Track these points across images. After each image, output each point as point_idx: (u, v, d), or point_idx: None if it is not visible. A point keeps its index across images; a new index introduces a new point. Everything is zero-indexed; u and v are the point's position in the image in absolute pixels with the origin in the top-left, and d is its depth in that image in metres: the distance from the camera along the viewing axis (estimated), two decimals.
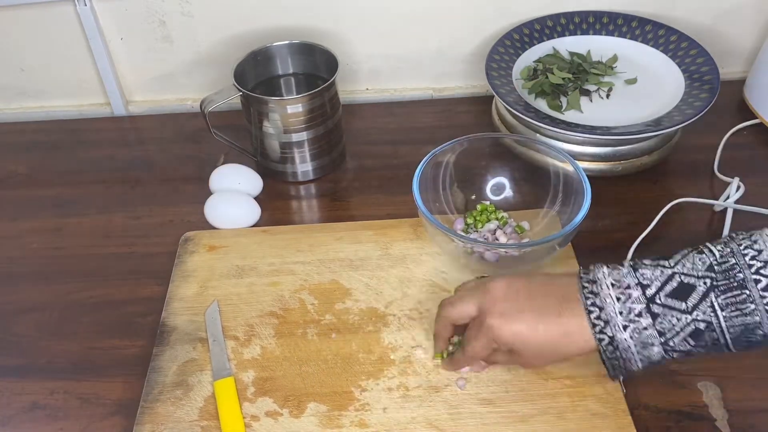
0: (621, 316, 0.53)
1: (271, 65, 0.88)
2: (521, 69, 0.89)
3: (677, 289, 0.53)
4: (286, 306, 0.72)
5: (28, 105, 1.03)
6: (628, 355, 0.54)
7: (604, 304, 0.54)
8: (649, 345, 0.53)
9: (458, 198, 0.79)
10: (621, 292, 0.54)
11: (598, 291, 0.54)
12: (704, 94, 0.81)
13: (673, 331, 0.53)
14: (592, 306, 0.54)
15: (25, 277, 0.78)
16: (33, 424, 0.65)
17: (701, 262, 0.53)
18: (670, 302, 0.53)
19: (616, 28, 0.92)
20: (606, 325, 0.54)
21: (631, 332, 0.53)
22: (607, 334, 0.54)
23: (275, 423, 0.62)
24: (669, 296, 0.53)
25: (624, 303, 0.53)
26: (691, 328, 0.52)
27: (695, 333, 0.52)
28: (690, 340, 0.53)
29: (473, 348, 0.60)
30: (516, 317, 0.57)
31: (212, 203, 0.81)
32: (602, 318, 0.54)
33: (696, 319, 0.52)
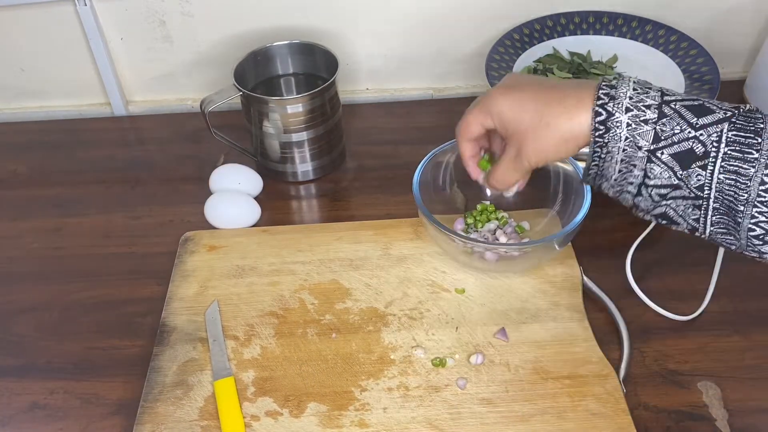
0: (629, 100, 0.51)
1: (271, 65, 0.88)
2: (521, 69, 0.89)
3: (696, 107, 0.51)
4: (286, 306, 0.72)
5: (28, 105, 1.03)
6: (613, 148, 0.51)
7: (618, 86, 0.52)
8: (637, 147, 0.51)
9: (458, 198, 0.79)
10: (641, 87, 0.52)
11: (619, 81, 0.53)
12: (704, 94, 0.82)
13: (669, 140, 0.50)
14: (605, 86, 0.52)
15: (25, 277, 0.78)
16: (33, 424, 0.65)
17: (728, 104, 0.51)
18: (683, 111, 0.50)
19: (616, 28, 0.92)
20: (610, 101, 0.51)
21: (631, 118, 0.51)
22: (607, 108, 0.51)
23: (275, 423, 0.62)
24: (685, 107, 0.51)
25: (638, 93, 0.51)
26: (688, 144, 0.50)
27: (688, 154, 0.50)
28: (678, 163, 0.50)
29: (464, 121, 0.60)
30: (516, 88, 0.56)
31: (212, 203, 0.81)
32: (610, 94, 0.52)
33: (698, 138, 0.49)
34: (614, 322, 0.69)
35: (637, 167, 0.52)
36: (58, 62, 0.97)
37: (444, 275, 0.73)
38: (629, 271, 0.72)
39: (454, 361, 0.66)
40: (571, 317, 0.69)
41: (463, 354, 0.66)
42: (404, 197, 0.82)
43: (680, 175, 0.50)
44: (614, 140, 0.51)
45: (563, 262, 0.73)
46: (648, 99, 0.51)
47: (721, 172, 0.49)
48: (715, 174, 0.49)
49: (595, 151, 0.53)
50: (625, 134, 0.51)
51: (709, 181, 0.50)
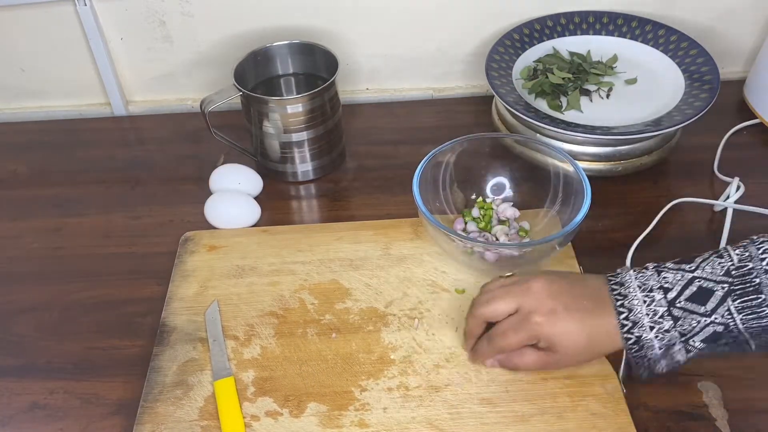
0: (648, 318, 0.56)
1: (271, 65, 0.88)
2: (521, 69, 0.89)
3: (696, 294, 0.55)
4: (286, 306, 0.72)
5: (28, 105, 1.03)
6: (653, 354, 0.56)
7: (633, 306, 0.57)
8: (671, 346, 0.56)
9: (458, 198, 0.79)
10: (645, 295, 0.57)
11: (626, 293, 0.57)
12: (704, 94, 0.81)
13: (693, 332, 0.55)
14: (621, 307, 0.57)
15: (25, 277, 0.78)
16: (33, 424, 0.65)
17: (720, 266, 0.55)
18: (689, 306, 0.55)
19: (616, 28, 0.92)
20: (634, 326, 0.56)
21: (656, 333, 0.56)
22: (635, 334, 0.56)
23: (275, 423, 0.62)
24: (689, 300, 0.55)
25: (649, 306, 0.56)
26: (711, 330, 0.55)
27: (714, 335, 0.55)
28: (711, 342, 0.55)
29: (509, 341, 0.61)
30: (565, 316, 0.58)
31: (212, 203, 0.81)
32: (630, 319, 0.57)
33: (714, 322, 0.54)
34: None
35: (679, 357, 0.56)
36: (58, 62, 0.97)
37: (444, 275, 0.73)
38: None
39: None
40: None
41: (463, 354, 0.66)
42: (404, 197, 0.83)
43: (716, 343, 0.55)
44: (650, 349, 0.56)
45: (563, 262, 0.73)
46: (658, 308, 0.56)
47: (747, 330, 0.54)
48: (744, 332, 0.54)
49: (639, 364, 0.57)
50: (657, 343, 0.56)
51: (741, 335, 0.55)
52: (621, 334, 0.57)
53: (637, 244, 0.75)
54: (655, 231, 0.77)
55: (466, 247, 0.70)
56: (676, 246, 0.77)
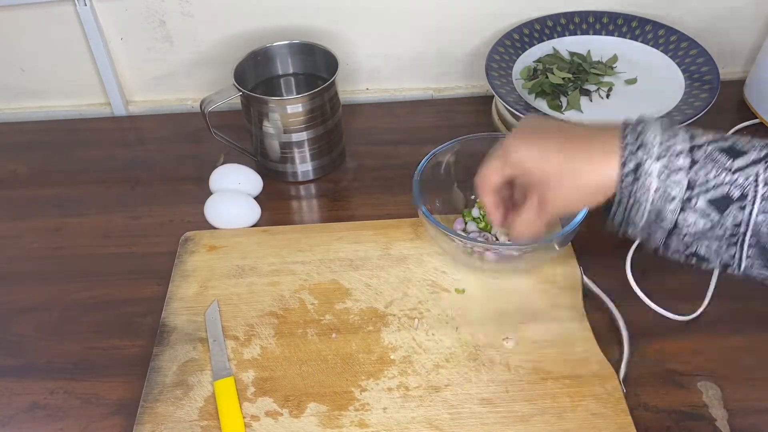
0: (658, 147, 0.49)
1: (271, 65, 0.88)
2: (521, 69, 0.89)
3: (729, 148, 0.49)
4: (286, 306, 0.72)
5: (28, 105, 1.03)
6: (642, 195, 0.49)
7: (645, 132, 0.50)
8: (669, 198, 0.49)
9: (458, 198, 0.79)
10: (669, 129, 0.50)
11: (645, 123, 0.51)
12: (704, 94, 0.82)
13: (703, 187, 0.48)
14: (631, 131, 0.50)
15: (25, 277, 0.78)
16: (33, 424, 0.65)
17: (760, 140, 0.49)
18: (716, 155, 0.48)
19: (616, 28, 0.92)
20: (639, 149, 0.49)
21: (662, 166, 0.48)
22: (638, 156, 0.49)
23: (275, 423, 0.62)
24: (718, 150, 0.48)
25: (667, 139, 0.49)
26: (724, 189, 0.48)
27: (725, 199, 0.48)
28: (712, 210, 0.48)
29: (483, 175, 0.58)
30: (537, 138, 0.54)
31: (212, 203, 0.81)
32: (638, 141, 0.49)
33: (735, 182, 0.47)
34: (614, 322, 0.69)
35: (666, 218, 0.50)
36: (58, 62, 0.97)
37: (444, 275, 0.73)
38: (629, 271, 0.72)
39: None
40: (571, 317, 0.69)
41: (463, 354, 0.66)
42: (404, 197, 0.83)
43: (714, 219, 0.49)
44: (642, 190, 0.49)
45: (563, 262, 0.73)
46: (678, 144, 0.49)
47: (759, 212, 0.47)
48: (753, 214, 0.48)
49: (621, 200, 0.51)
50: (656, 184, 0.49)
51: (747, 219, 0.48)
52: (621, 151, 0.49)
53: (637, 244, 0.75)
54: None
55: (466, 247, 0.70)
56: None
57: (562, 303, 0.70)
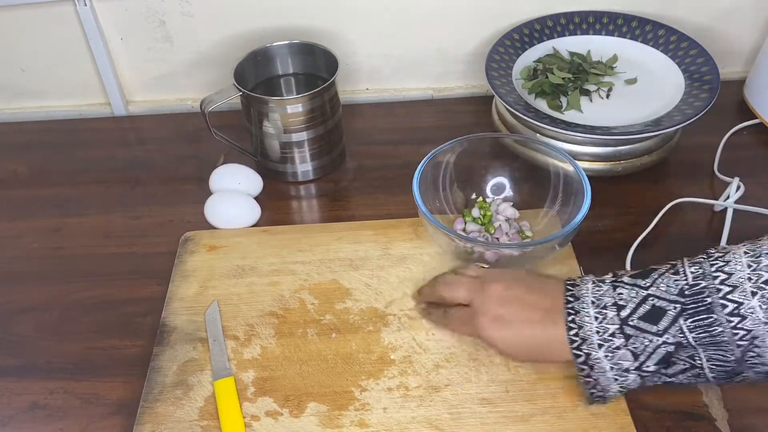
0: (597, 335, 0.56)
1: (271, 65, 0.88)
2: (521, 69, 0.89)
3: (650, 313, 0.55)
4: (286, 306, 0.72)
5: (28, 105, 1.03)
6: (604, 376, 0.56)
7: (583, 323, 0.57)
8: (623, 369, 0.55)
9: (458, 198, 0.79)
10: (598, 311, 0.56)
11: (579, 309, 0.57)
12: (704, 94, 0.81)
13: (645, 353, 0.55)
14: (571, 323, 0.57)
15: (25, 277, 0.78)
16: (33, 424, 0.65)
17: (675, 284, 0.55)
18: (642, 325, 0.55)
19: (616, 28, 0.92)
20: (583, 343, 0.56)
21: (606, 351, 0.56)
22: (583, 350, 0.56)
23: (275, 423, 0.62)
24: (641, 319, 0.55)
25: (601, 323, 0.56)
26: (663, 350, 0.54)
27: (667, 355, 0.54)
28: (664, 363, 0.55)
29: (459, 330, 0.66)
30: (506, 325, 0.60)
31: (212, 203, 0.81)
32: (580, 335, 0.57)
33: (666, 342, 0.54)
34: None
35: (636, 382, 0.56)
36: (58, 62, 0.97)
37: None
38: None
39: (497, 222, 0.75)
40: None
41: (463, 354, 0.66)
42: (404, 197, 0.83)
43: (669, 372, 0.55)
44: (601, 371, 0.56)
45: (563, 262, 0.73)
46: (610, 326, 0.56)
47: (704, 351, 0.53)
48: (700, 354, 0.54)
49: (587, 382, 0.57)
50: (609, 365, 0.56)
51: (695, 353, 0.54)
52: (571, 350, 0.57)
53: (637, 244, 0.75)
54: (655, 231, 0.77)
55: (466, 247, 0.70)
56: (676, 246, 0.77)
57: None
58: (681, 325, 0.53)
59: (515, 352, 0.62)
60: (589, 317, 0.56)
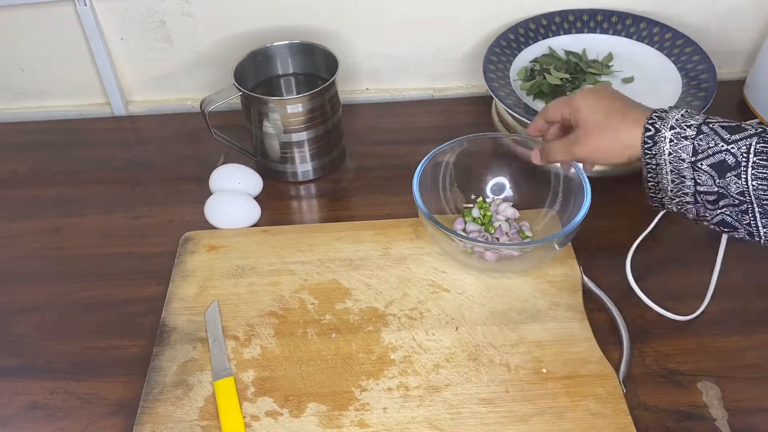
0: (674, 120, 0.59)
1: (271, 65, 0.88)
2: (519, 69, 0.89)
3: (732, 127, 0.57)
4: (286, 306, 0.72)
5: (28, 105, 1.03)
6: (660, 160, 0.59)
7: (669, 111, 0.60)
8: (680, 159, 0.58)
9: (458, 198, 0.79)
10: (689, 112, 0.60)
11: (668, 109, 0.60)
12: (702, 93, 0.82)
13: (705, 153, 0.57)
14: (659, 110, 0.60)
15: (25, 277, 0.78)
16: (33, 424, 0.65)
17: (758, 124, 0.57)
18: (719, 129, 0.57)
19: (610, 25, 0.92)
20: (659, 120, 0.59)
21: (674, 134, 0.58)
22: (655, 126, 0.59)
23: (275, 423, 0.62)
24: (722, 126, 0.57)
25: (684, 116, 0.59)
26: (722, 156, 0.56)
27: (722, 164, 0.56)
28: (716, 172, 0.56)
29: (548, 106, 0.69)
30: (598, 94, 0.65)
31: (212, 203, 0.81)
32: (660, 116, 0.59)
33: (729, 150, 0.55)
34: (614, 322, 0.69)
35: (687, 177, 0.58)
36: (58, 62, 0.97)
37: (444, 275, 0.73)
38: (629, 271, 0.72)
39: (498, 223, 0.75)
40: (571, 317, 0.69)
41: (463, 354, 0.66)
42: (404, 197, 0.83)
43: (719, 183, 0.57)
44: (660, 153, 0.59)
45: (563, 262, 0.73)
46: (692, 120, 0.58)
47: (753, 179, 0.55)
48: (749, 181, 0.55)
49: (647, 162, 0.60)
50: (668, 148, 0.58)
51: (745, 186, 0.55)
52: (644, 122, 0.59)
53: (637, 244, 0.75)
54: (655, 231, 0.77)
55: (466, 247, 0.70)
56: (676, 246, 0.77)
57: (562, 303, 0.70)
58: (751, 143, 0.55)
59: (590, 121, 0.63)
60: (676, 111, 0.60)
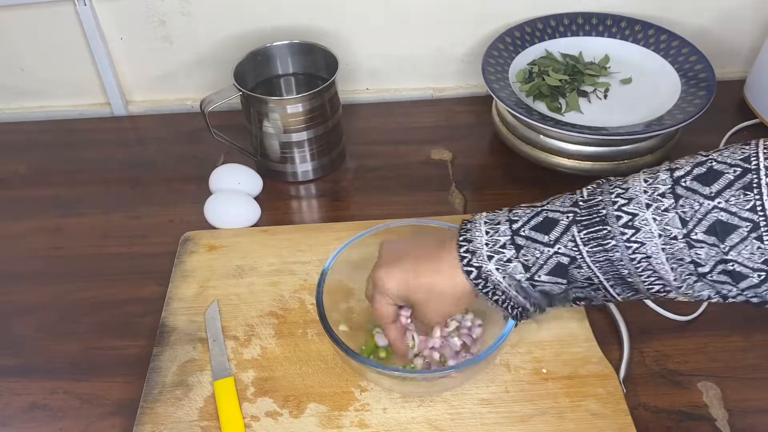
0: (487, 247, 0.54)
1: (271, 65, 0.88)
2: (517, 72, 0.88)
3: (542, 223, 0.53)
4: (286, 306, 0.72)
5: (28, 105, 1.03)
6: (499, 287, 0.54)
7: (474, 238, 0.55)
8: (516, 279, 0.54)
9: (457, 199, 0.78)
10: (491, 227, 0.55)
11: (471, 228, 0.56)
12: (702, 91, 0.82)
13: (537, 265, 0.53)
14: (463, 241, 0.56)
15: (25, 277, 0.78)
16: (33, 424, 0.65)
17: (570, 200, 0.54)
18: (533, 234, 0.53)
19: (605, 28, 0.92)
20: (472, 256, 0.55)
21: (497, 263, 0.54)
22: (474, 265, 0.55)
23: (275, 423, 0.62)
24: (533, 229, 0.53)
25: (491, 236, 0.55)
26: (554, 261, 0.53)
27: (559, 267, 0.53)
28: (557, 276, 0.53)
29: (376, 311, 0.61)
30: (396, 265, 0.59)
31: (212, 203, 0.81)
32: (470, 250, 0.55)
33: (558, 252, 0.52)
34: (614, 322, 0.69)
35: (531, 293, 0.55)
36: (58, 62, 0.97)
37: None
38: None
39: None
40: (571, 317, 0.69)
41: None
42: (404, 197, 0.83)
43: (564, 284, 0.54)
44: (496, 284, 0.55)
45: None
46: (500, 237, 0.54)
47: (594, 263, 0.52)
48: (592, 267, 0.52)
49: (489, 297, 0.56)
50: (499, 277, 0.54)
51: (590, 272, 0.53)
52: (462, 267, 0.55)
53: None
54: None
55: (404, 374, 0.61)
56: None
57: None
58: (573, 234, 0.52)
59: (416, 295, 0.58)
60: (479, 232, 0.55)
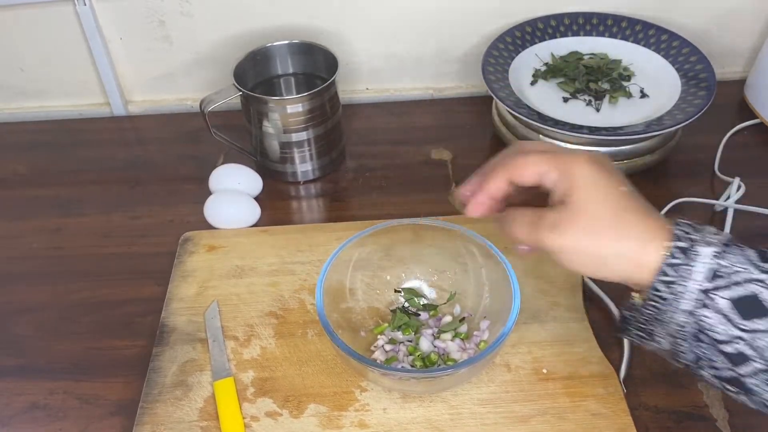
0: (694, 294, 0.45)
1: (270, 65, 0.88)
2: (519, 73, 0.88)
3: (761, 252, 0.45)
4: (285, 306, 0.72)
5: (28, 105, 1.03)
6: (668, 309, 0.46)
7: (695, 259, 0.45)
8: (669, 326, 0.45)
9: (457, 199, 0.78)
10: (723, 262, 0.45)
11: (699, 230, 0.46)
12: (702, 92, 0.82)
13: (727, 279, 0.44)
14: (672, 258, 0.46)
15: (25, 277, 0.78)
16: (33, 424, 0.65)
17: None
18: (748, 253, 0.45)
19: (606, 28, 0.92)
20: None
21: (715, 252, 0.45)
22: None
23: (275, 423, 0.62)
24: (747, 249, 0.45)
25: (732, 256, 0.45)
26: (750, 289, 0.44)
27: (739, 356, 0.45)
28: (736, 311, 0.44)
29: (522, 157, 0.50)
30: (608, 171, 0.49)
31: (212, 203, 0.81)
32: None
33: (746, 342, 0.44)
34: (614, 322, 0.69)
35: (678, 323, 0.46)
36: (58, 62, 0.97)
37: (444, 275, 0.73)
38: None
39: None
40: (571, 317, 0.69)
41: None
42: (404, 197, 0.83)
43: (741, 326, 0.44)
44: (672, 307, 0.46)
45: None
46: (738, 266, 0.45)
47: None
48: None
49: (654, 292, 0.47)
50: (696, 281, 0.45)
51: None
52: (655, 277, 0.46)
53: None
54: None
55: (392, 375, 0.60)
56: None
57: (562, 303, 0.70)
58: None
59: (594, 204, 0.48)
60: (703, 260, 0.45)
